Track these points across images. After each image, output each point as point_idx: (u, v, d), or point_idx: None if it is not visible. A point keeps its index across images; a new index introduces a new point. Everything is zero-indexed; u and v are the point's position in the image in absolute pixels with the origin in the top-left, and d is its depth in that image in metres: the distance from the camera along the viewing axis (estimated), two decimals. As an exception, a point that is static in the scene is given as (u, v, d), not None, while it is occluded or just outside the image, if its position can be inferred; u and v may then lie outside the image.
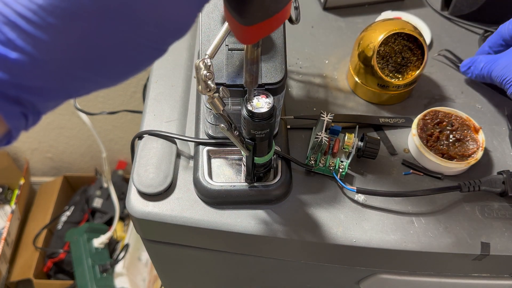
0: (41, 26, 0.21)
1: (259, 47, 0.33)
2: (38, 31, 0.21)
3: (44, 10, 0.21)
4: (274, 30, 0.31)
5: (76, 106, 0.85)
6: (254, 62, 0.34)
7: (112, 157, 1.38)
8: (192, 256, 0.53)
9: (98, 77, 0.24)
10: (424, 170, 0.49)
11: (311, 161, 0.47)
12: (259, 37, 0.31)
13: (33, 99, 0.23)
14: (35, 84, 0.23)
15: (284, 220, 0.45)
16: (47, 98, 0.24)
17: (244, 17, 0.28)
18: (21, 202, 1.31)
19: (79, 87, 0.25)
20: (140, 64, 0.26)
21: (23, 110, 0.24)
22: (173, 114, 0.52)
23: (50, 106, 0.25)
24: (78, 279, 1.15)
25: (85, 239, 1.18)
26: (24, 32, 0.21)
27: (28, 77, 0.22)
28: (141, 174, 0.46)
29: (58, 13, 0.21)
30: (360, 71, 0.54)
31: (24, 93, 0.23)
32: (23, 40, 0.21)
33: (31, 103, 0.24)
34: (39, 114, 0.25)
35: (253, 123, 0.37)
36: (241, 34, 0.30)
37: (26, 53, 0.21)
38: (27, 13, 0.21)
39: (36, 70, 0.22)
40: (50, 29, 0.21)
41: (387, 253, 0.45)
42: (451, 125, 0.50)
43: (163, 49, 0.26)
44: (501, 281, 0.50)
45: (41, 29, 0.21)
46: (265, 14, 0.28)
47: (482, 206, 0.47)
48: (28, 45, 0.21)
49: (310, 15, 0.64)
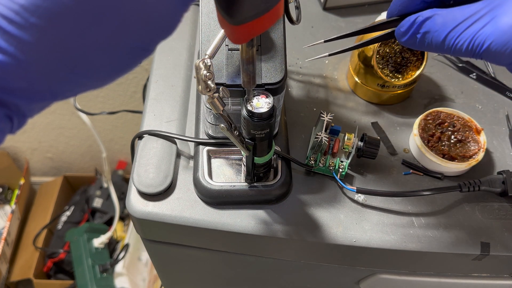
0: (24, 27, 0.21)
1: (254, 46, 0.33)
2: (20, 32, 0.21)
3: (26, 10, 0.21)
4: (266, 29, 0.30)
5: (76, 106, 0.85)
6: (249, 61, 0.34)
7: (112, 157, 1.38)
8: (192, 256, 0.53)
9: (84, 78, 0.24)
10: (424, 170, 0.49)
11: (311, 161, 0.47)
12: (250, 36, 0.30)
13: (18, 101, 0.23)
14: (19, 86, 0.22)
15: (284, 220, 0.45)
16: (32, 100, 0.23)
17: (234, 16, 0.28)
18: (21, 202, 1.31)
19: (65, 88, 0.24)
20: (127, 64, 0.25)
21: (7, 113, 0.23)
22: (173, 114, 0.52)
23: (36, 108, 0.25)
24: (78, 279, 1.15)
25: (85, 239, 1.18)
26: (6, 33, 0.21)
27: (11, 79, 0.22)
28: (141, 174, 0.46)
29: (41, 13, 0.21)
30: (360, 71, 0.54)
31: (8, 95, 0.22)
32: (5, 41, 0.21)
33: (15, 105, 0.23)
34: (24, 117, 0.24)
35: (253, 123, 0.37)
36: (232, 34, 0.30)
37: (8, 54, 0.21)
38: (9, 13, 0.20)
39: (19, 71, 0.22)
40: (33, 30, 0.21)
41: (387, 253, 0.45)
42: (453, 126, 0.50)
43: (149, 49, 0.25)
44: (501, 281, 0.50)
45: (23, 29, 0.21)
46: (255, 13, 0.28)
47: (482, 206, 0.47)
48: (11, 46, 0.21)
49: (310, 15, 0.64)
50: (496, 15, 0.30)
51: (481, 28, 0.30)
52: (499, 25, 0.29)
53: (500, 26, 0.29)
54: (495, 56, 0.30)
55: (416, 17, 0.34)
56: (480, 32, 0.30)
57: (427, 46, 0.34)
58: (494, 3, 0.30)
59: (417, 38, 0.35)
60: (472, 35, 0.31)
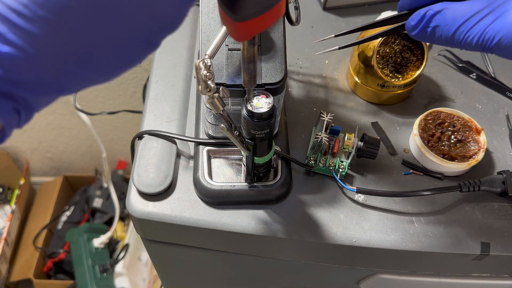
0: (32, 20, 0.21)
1: (255, 45, 0.33)
2: (29, 25, 0.21)
3: (34, 3, 0.21)
4: (268, 27, 0.30)
5: (76, 106, 0.85)
6: (251, 60, 0.34)
7: (112, 157, 1.38)
8: (192, 256, 0.53)
9: (90, 71, 0.24)
10: (424, 170, 0.49)
11: (311, 161, 0.47)
12: (252, 33, 0.30)
13: (25, 94, 0.23)
14: (27, 79, 0.22)
15: (284, 220, 0.45)
16: (39, 93, 0.24)
17: (236, 13, 0.28)
18: (21, 202, 1.31)
19: (72, 82, 0.24)
20: (132, 59, 0.25)
21: (15, 106, 0.23)
22: (173, 114, 0.52)
23: (43, 102, 0.25)
24: (78, 279, 1.15)
25: (85, 239, 1.18)
26: (15, 26, 0.21)
27: (20, 72, 0.22)
28: (141, 174, 0.46)
29: (49, 6, 0.21)
30: (360, 71, 0.54)
31: (16, 88, 0.22)
32: (14, 33, 0.21)
33: (23, 99, 0.23)
34: (31, 111, 0.24)
35: (253, 123, 0.37)
36: (234, 31, 0.30)
37: (17, 47, 0.21)
38: (18, 6, 0.21)
39: (27, 64, 0.22)
40: (42, 23, 0.21)
41: (387, 253, 0.45)
42: (453, 126, 0.50)
43: (155, 44, 0.26)
44: (501, 281, 0.50)
45: (32, 22, 0.21)
46: (257, 10, 0.28)
47: (482, 206, 0.47)
48: (19, 39, 0.21)
49: (310, 15, 0.64)
50: (506, 10, 0.30)
51: (491, 23, 0.31)
52: (509, 20, 0.30)
53: (509, 21, 0.30)
54: (506, 50, 0.31)
55: (426, 10, 0.35)
56: (490, 27, 0.31)
57: (437, 39, 0.35)
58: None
59: (427, 32, 0.35)
60: (482, 30, 0.31)
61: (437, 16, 0.34)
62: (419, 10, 0.35)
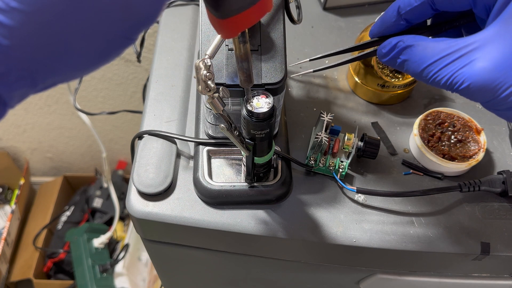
0: (4, 11, 0.21)
1: (247, 42, 0.32)
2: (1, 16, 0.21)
3: None
4: (254, 23, 0.30)
5: (76, 106, 0.85)
6: (244, 59, 0.33)
7: (112, 157, 1.38)
8: (192, 256, 0.53)
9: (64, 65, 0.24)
10: (424, 170, 0.49)
11: (311, 161, 0.47)
12: (238, 30, 0.30)
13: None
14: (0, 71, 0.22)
15: (284, 220, 0.45)
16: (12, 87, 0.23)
17: (219, 10, 0.28)
18: (21, 202, 1.31)
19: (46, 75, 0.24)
20: (108, 53, 0.25)
21: None
22: (173, 114, 0.52)
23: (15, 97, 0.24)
24: (78, 279, 1.15)
25: (85, 239, 1.18)
26: None
27: None
28: (141, 174, 0.46)
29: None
30: (360, 71, 0.54)
31: None
32: None
33: None
34: (5, 106, 0.24)
35: (253, 123, 0.37)
36: (219, 28, 0.30)
37: None
38: None
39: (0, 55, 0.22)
40: (14, 14, 0.21)
41: (387, 253, 0.45)
42: (453, 126, 0.50)
43: (131, 38, 0.25)
44: (501, 281, 0.50)
45: (4, 13, 0.21)
46: (240, 6, 0.28)
47: (482, 206, 0.47)
48: None
49: (310, 15, 0.64)
50: (476, 58, 0.30)
51: (461, 68, 0.31)
52: (478, 68, 0.30)
53: (478, 70, 0.30)
54: (473, 95, 0.31)
55: (398, 41, 0.35)
56: (460, 72, 0.31)
57: (405, 71, 0.35)
58: (474, 45, 0.30)
59: (397, 62, 0.35)
60: (451, 73, 0.31)
61: (407, 50, 0.34)
62: (391, 39, 0.35)
